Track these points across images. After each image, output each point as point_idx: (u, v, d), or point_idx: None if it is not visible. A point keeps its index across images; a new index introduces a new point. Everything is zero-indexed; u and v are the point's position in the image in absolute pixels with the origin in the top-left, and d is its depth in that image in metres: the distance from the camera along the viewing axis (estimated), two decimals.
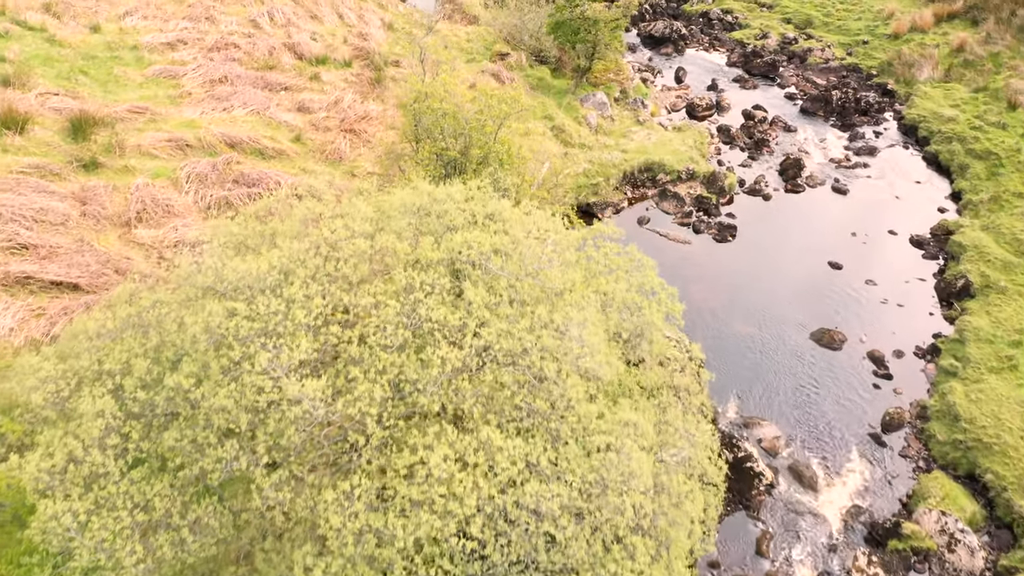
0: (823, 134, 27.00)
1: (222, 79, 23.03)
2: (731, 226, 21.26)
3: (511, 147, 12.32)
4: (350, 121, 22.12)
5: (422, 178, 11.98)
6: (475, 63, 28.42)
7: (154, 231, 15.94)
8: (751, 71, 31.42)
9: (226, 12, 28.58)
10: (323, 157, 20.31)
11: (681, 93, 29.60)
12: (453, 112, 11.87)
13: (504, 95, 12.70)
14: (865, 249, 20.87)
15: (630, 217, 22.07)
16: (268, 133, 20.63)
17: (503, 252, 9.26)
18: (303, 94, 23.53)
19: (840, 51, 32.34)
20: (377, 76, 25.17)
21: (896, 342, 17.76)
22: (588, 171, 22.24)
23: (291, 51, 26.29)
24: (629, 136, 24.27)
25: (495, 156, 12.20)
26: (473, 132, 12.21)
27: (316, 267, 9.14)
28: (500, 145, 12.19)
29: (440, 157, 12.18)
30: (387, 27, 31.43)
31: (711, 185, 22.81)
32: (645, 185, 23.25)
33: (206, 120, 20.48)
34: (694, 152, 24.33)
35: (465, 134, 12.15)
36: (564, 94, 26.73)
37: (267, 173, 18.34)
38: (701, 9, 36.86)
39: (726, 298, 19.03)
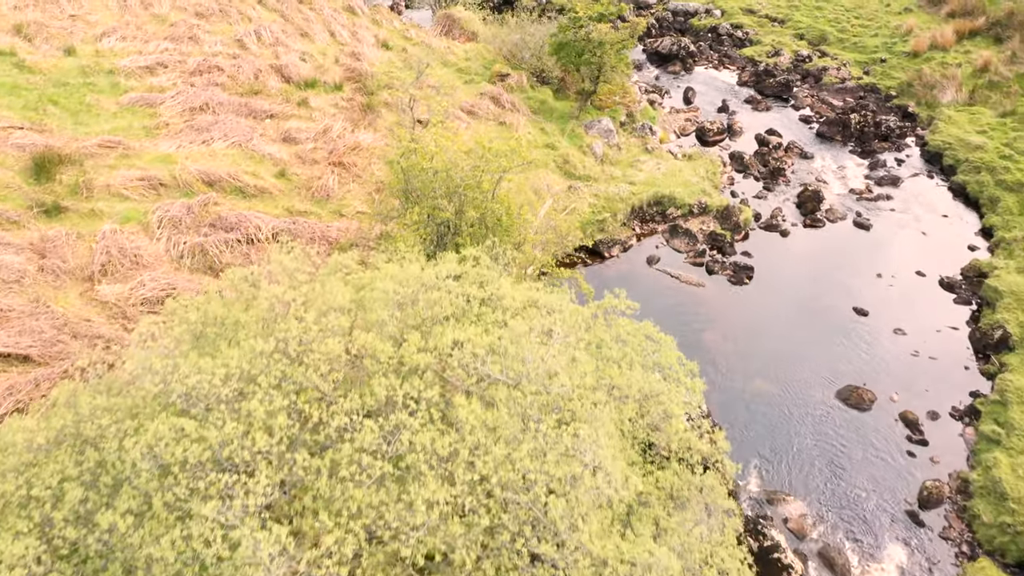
0: (842, 161, 25.75)
1: (203, 107, 21.80)
2: (747, 267, 19.99)
3: (511, 205, 11.08)
4: (339, 153, 20.88)
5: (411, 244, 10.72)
6: (473, 84, 27.20)
7: (120, 286, 14.68)
8: (763, 91, 30.19)
9: (211, 31, 27.38)
10: (309, 195, 19.06)
11: (690, 116, 28.36)
12: (445, 170, 10.64)
13: (503, 148, 11.45)
14: (892, 293, 19.60)
15: (639, 255, 20.82)
16: (250, 168, 19.39)
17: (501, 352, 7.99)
18: (290, 122, 22.30)
19: (857, 70, 31.11)
20: (369, 101, 23.94)
21: (930, 401, 16.48)
22: (594, 206, 20.99)
23: (278, 73, 25.07)
24: (637, 166, 23.02)
25: (492, 215, 10.96)
26: (468, 190, 10.97)
27: (281, 373, 7.88)
28: (499, 204, 10.96)
29: (432, 217, 10.95)
30: (381, 45, 30.22)
31: (725, 220, 21.55)
32: (655, 220, 22.00)
33: (183, 154, 19.24)
34: (706, 183, 23.08)
35: (459, 192, 10.91)
36: (567, 119, 25.49)
37: (246, 216, 17.09)
38: (710, 24, 35.65)
39: (744, 349, 17.76)
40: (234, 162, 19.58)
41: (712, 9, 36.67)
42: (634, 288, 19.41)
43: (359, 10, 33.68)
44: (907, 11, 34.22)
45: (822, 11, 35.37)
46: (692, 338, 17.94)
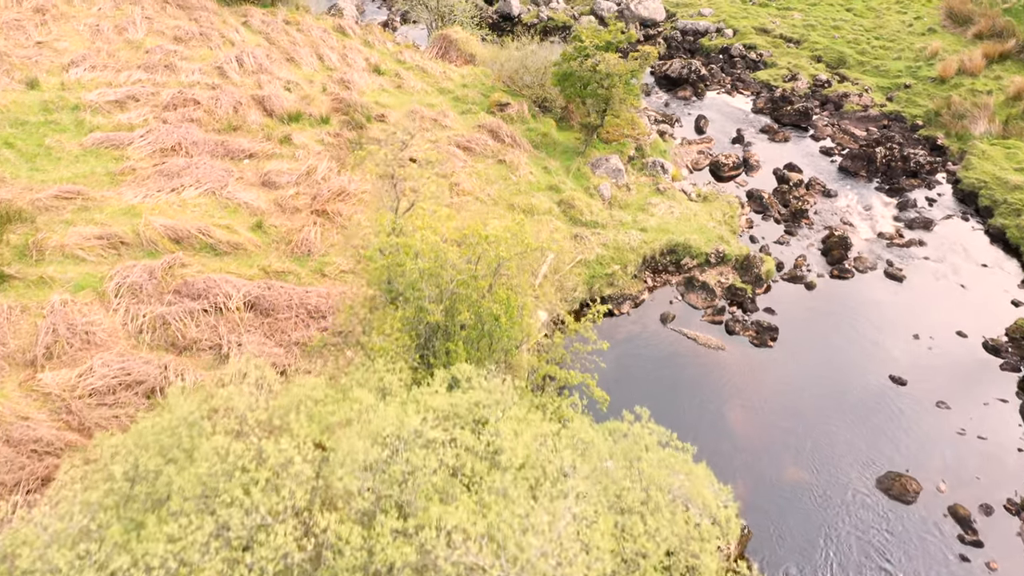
0: (868, 200, 24.15)
1: (175, 147, 20.20)
2: (771, 327, 18.37)
3: (511, 303, 9.48)
4: (323, 199, 19.27)
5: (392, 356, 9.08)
6: (470, 115, 25.60)
7: (67, 372, 13.05)
8: (780, 119, 28.61)
9: (189, 57, 25.80)
10: (288, 250, 17.44)
11: (703, 148, 26.78)
12: (433, 271, 9.04)
13: (502, 235, 9.84)
14: (931, 357, 17.97)
15: (652, 312, 19.20)
16: (224, 220, 17.77)
17: (499, 542, 6.36)
18: (270, 163, 20.69)
19: (879, 96, 29.54)
20: (358, 137, 22.33)
21: (982, 492, 14.85)
22: (602, 257, 19.37)
23: (260, 106, 23.48)
24: (648, 210, 21.41)
25: (489, 315, 9.35)
26: (461, 287, 9.36)
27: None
28: (497, 303, 9.35)
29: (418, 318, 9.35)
30: (373, 70, 28.65)
31: (745, 272, 19.93)
32: (668, 270, 20.38)
33: (149, 205, 17.63)
34: (723, 228, 21.47)
35: (450, 290, 9.30)
36: (572, 155, 23.89)
37: (215, 281, 15.45)
38: (721, 44, 34.09)
39: (770, 426, 16.13)
40: (206, 213, 17.96)
41: (723, 28, 35.11)
42: (647, 352, 17.81)
43: (350, 31, 32.13)
44: (931, 32, 32.68)
45: (840, 31, 33.82)
46: (713, 414, 16.32)
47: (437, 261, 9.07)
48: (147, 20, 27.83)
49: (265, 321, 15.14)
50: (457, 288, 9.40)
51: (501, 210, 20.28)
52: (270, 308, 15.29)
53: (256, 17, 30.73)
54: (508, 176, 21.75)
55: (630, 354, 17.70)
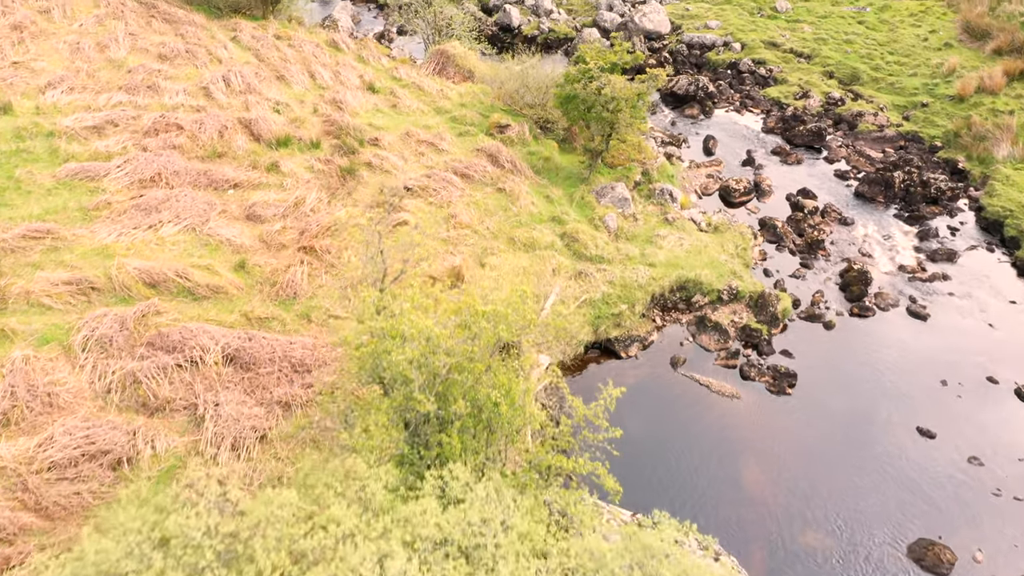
0: (887, 228, 23.13)
1: (155, 178, 19.19)
2: (788, 373, 17.34)
3: (512, 388, 8.45)
4: (311, 234, 18.26)
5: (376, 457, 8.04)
6: (468, 137, 24.60)
7: (25, 441, 12.01)
8: (792, 140, 27.61)
9: (174, 77, 24.80)
10: (273, 293, 16.41)
11: (713, 171, 25.77)
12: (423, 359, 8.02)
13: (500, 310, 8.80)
14: (961, 407, 16.94)
15: (661, 355, 18.18)
16: (204, 260, 16.74)
17: None
18: (256, 193, 19.67)
19: (895, 115, 28.55)
20: (350, 165, 21.32)
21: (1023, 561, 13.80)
22: (608, 296, 18.35)
23: (247, 130, 22.46)
24: (656, 242, 20.39)
25: (488, 402, 8.33)
26: (456, 371, 8.34)
27: None
28: (496, 389, 8.33)
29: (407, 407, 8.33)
30: (367, 88, 27.66)
31: (760, 311, 18.90)
32: (678, 308, 19.37)
33: (124, 245, 16.60)
34: (736, 261, 20.45)
35: (442, 375, 8.27)
36: (575, 181, 22.87)
37: (192, 331, 14.42)
38: (729, 59, 33.09)
39: (788, 484, 15.10)
40: (185, 252, 16.93)
41: (731, 42, 34.12)
42: (657, 401, 16.78)
43: (343, 45, 31.15)
44: (947, 47, 31.70)
45: (852, 45, 32.84)
46: (729, 471, 15.30)
47: (428, 346, 8.05)
48: (131, 37, 26.84)
49: (245, 376, 14.10)
50: (451, 372, 8.38)
51: (501, 244, 19.26)
52: (251, 362, 14.25)
53: (246, 32, 29.75)
54: (508, 206, 20.74)
55: (638, 403, 16.66)
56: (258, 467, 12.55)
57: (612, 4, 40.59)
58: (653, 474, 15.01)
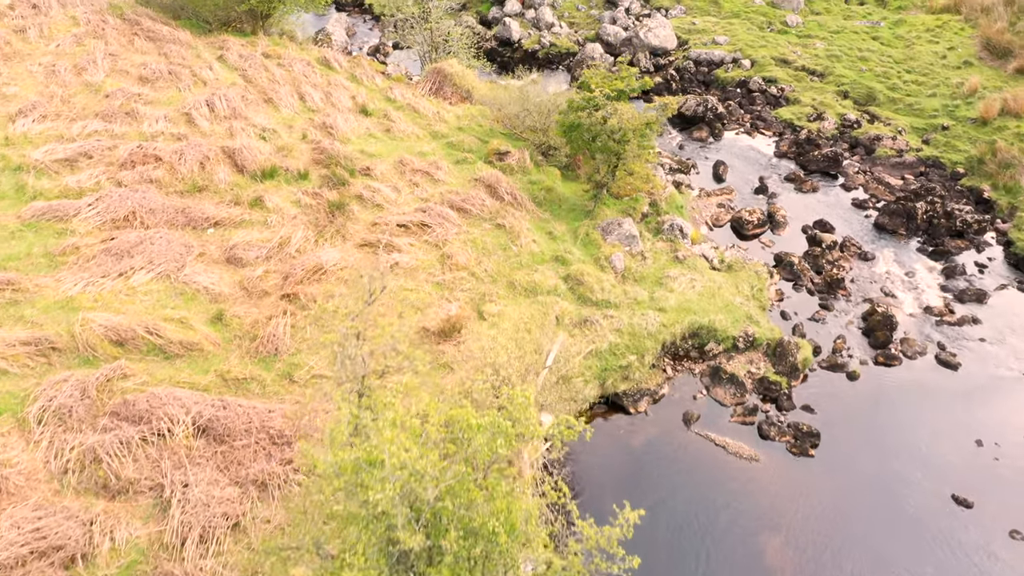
0: (909, 263, 21.97)
1: (129, 217, 18.04)
2: (811, 432, 16.17)
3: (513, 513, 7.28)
4: (295, 279, 17.10)
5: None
6: (466, 165, 23.44)
7: None
8: (807, 166, 26.46)
9: (155, 102, 23.65)
10: (252, 349, 15.24)
11: (724, 200, 24.62)
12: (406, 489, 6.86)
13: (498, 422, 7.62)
14: (999, 470, 15.78)
15: (673, 410, 17.00)
16: (177, 312, 15.56)
17: None
18: (238, 232, 18.52)
19: (914, 139, 27.40)
20: (339, 199, 20.15)
21: None
22: (615, 346, 17.18)
23: (230, 160, 21.32)
24: (667, 284, 19.21)
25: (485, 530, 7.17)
26: (445, 494, 7.17)
27: None
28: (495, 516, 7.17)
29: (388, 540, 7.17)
30: (359, 110, 26.52)
31: (779, 361, 17.74)
32: (690, 357, 18.21)
33: (91, 296, 15.43)
34: (751, 304, 19.29)
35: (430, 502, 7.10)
36: (579, 214, 21.72)
37: (161, 398, 13.24)
38: (738, 77, 31.94)
39: (815, 562, 13.92)
40: (158, 303, 15.75)
41: (740, 59, 32.98)
42: (669, 464, 15.60)
43: (335, 63, 30.02)
44: (967, 65, 30.57)
45: (867, 63, 31.70)
46: (749, 547, 14.11)
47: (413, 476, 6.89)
48: (111, 57, 25.70)
49: (218, 450, 12.92)
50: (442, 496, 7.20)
51: (501, 289, 18.08)
52: (225, 433, 13.08)
53: (233, 50, 28.61)
54: (508, 245, 19.57)
55: (649, 467, 15.49)
56: (229, 560, 11.37)
57: (616, 17, 39.46)
58: (669, 551, 13.82)
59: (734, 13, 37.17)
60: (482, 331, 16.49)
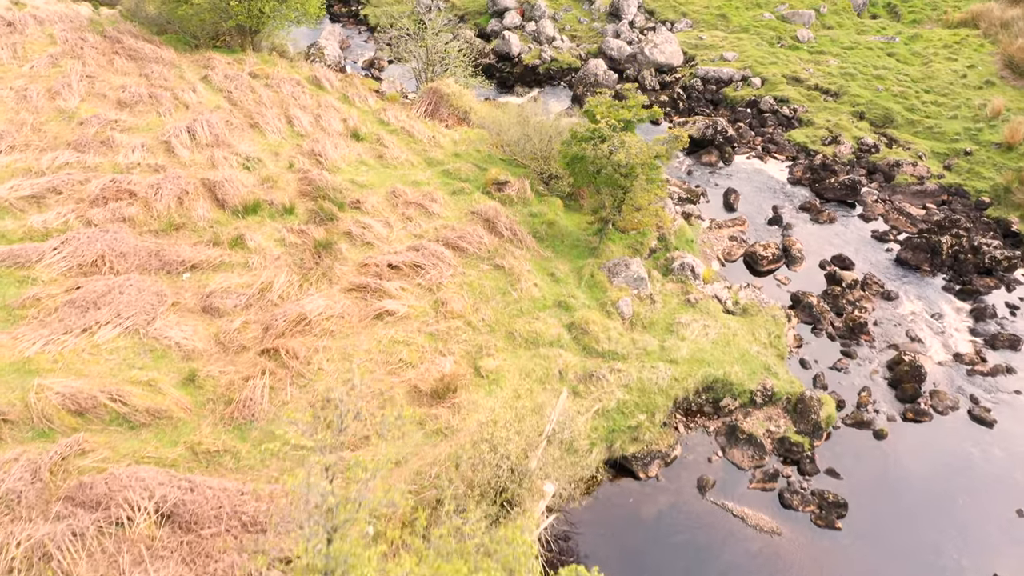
0: (935, 304, 20.76)
1: (97, 262, 16.83)
2: (837, 502, 14.94)
3: None
4: (276, 331, 15.88)
5: None
6: (462, 196, 22.24)
7: None
8: (823, 194, 25.27)
9: (133, 129, 22.46)
10: (226, 414, 14.01)
11: (736, 232, 23.42)
12: None
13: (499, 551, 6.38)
14: None
15: (686, 474, 15.78)
16: (145, 373, 14.33)
17: None
18: (216, 277, 17.30)
19: (935, 164, 26.23)
20: (326, 238, 18.94)
21: None
22: (623, 404, 15.95)
23: (211, 194, 20.12)
24: (678, 331, 18.00)
25: None
26: None
27: None
28: None
29: None
30: (351, 134, 25.32)
31: (800, 418, 16.51)
32: (704, 412, 16.99)
33: (50, 356, 14.21)
34: (769, 353, 18.08)
35: None
36: (583, 250, 20.53)
37: (122, 479, 12.00)
38: (748, 96, 30.76)
39: None
40: (124, 362, 14.53)
41: (750, 76, 31.81)
42: (682, 538, 14.38)
43: (326, 83, 28.84)
44: (988, 84, 29.40)
45: (883, 82, 30.52)
46: None
47: None
48: (87, 80, 24.51)
49: (185, 540, 11.67)
50: None
51: (499, 340, 16.86)
52: (192, 520, 11.83)
53: (219, 70, 27.43)
54: (507, 289, 18.35)
55: (661, 542, 14.27)
56: None
57: (619, 31, 38.32)
58: None
59: (743, 27, 36.02)
60: (479, 391, 15.25)
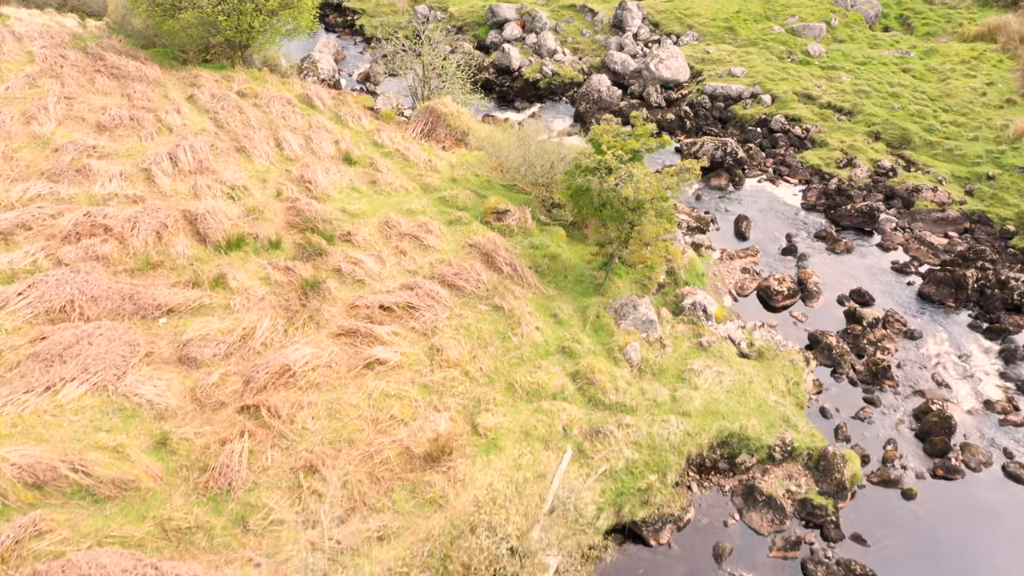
0: (962, 343, 19.69)
1: (66, 307, 15.76)
2: (865, 573, 13.82)
3: None
4: (258, 385, 14.82)
5: None
6: (460, 227, 21.19)
7: None
8: (839, 221, 24.22)
9: (112, 155, 21.41)
10: (201, 484, 12.94)
11: (748, 263, 22.35)
12: None
13: None
14: None
15: (700, 539, 14.69)
16: (113, 436, 13.26)
17: None
18: (195, 321, 16.23)
19: (956, 189, 25.18)
20: (314, 276, 17.86)
21: None
22: (632, 464, 14.87)
23: (192, 227, 19.08)
24: (690, 379, 16.92)
25: None
26: None
27: None
28: None
29: None
30: (343, 158, 24.29)
31: (823, 477, 15.44)
32: (718, 469, 15.92)
33: (9, 419, 13.13)
34: (787, 402, 17.00)
35: None
36: (587, 287, 19.47)
37: (80, 566, 10.92)
38: (758, 114, 29.71)
39: None
40: (91, 424, 13.45)
41: (760, 93, 30.77)
42: None
43: (318, 102, 27.82)
44: (1009, 104, 28.37)
45: (899, 100, 29.49)
46: None
47: None
48: (65, 102, 23.46)
49: None
50: None
51: (498, 392, 15.77)
52: None
53: (206, 88, 26.41)
54: (507, 333, 17.27)
55: None
56: None
57: (623, 43, 37.29)
58: None
59: (751, 41, 34.99)
60: (477, 455, 14.15)
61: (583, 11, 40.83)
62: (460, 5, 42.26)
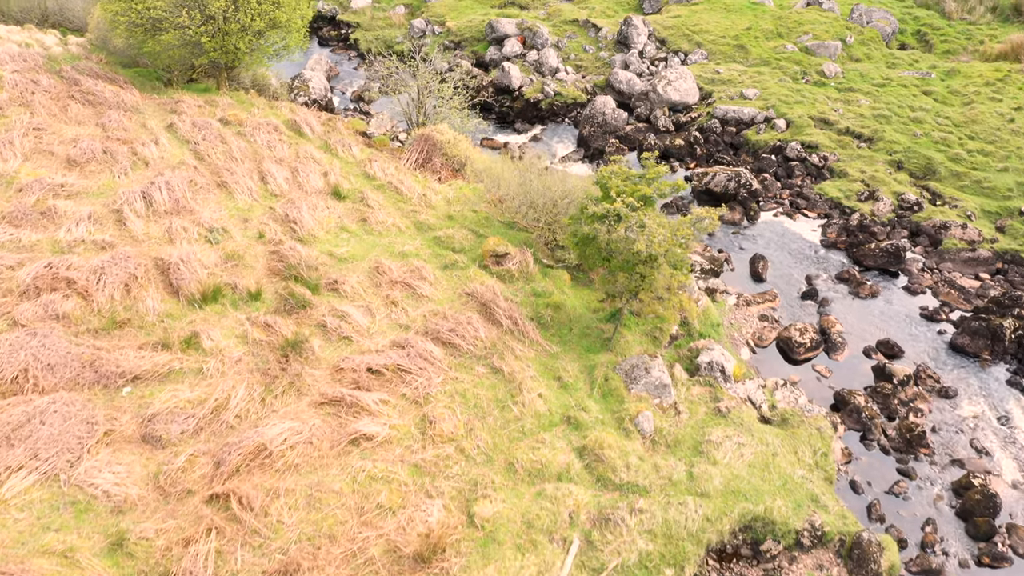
0: (1001, 401, 18.29)
1: (18, 378, 14.35)
2: None
3: None
4: (230, 467, 13.38)
5: None
6: (456, 271, 19.78)
7: None
8: (862, 260, 22.81)
9: (81, 194, 20.04)
10: None
11: (766, 309, 20.95)
12: None
13: None
14: None
15: None
16: (61, 538, 11.82)
17: None
18: (162, 391, 14.81)
19: (986, 225, 23.79)
20: (296, 335, 16.44)
21: None
22: (647, 556, 13.43)
23: (164, 278, 17.68)
24: (708, 451, 15.50)
25: None
26: None
27: None
28: None
29: None
30: (331, 192, 22.94)
31: (858, 567, 14.02)
32: (740, 556, 14.47)
33: None
34: (815, 476, 15.58)
35: None
36: (594, 341, 18.07)
37: None
38: (772, 140, 28.32)
39: None
40: (37, 523, 12.01)
41: (774, 118, 29.39)
42: None
43: (306, 129, 26.47)
44: None
45: (921, 126, 28.11)
46: None
47: None
48: (34, 133, 22.11)
49: None
50: None
51: (497, 473, 14.33)
52: None
53: (187, 116, 25.09)
54: (507, 401, 15.84)
55: None
56: None
57: (628, 61, 35.91)
58: None
59: (763, 60, 33.61)
60: (473, 551, 12.71)
61: (586, 27, 39.47)
62: (458, 19, 40.91)
